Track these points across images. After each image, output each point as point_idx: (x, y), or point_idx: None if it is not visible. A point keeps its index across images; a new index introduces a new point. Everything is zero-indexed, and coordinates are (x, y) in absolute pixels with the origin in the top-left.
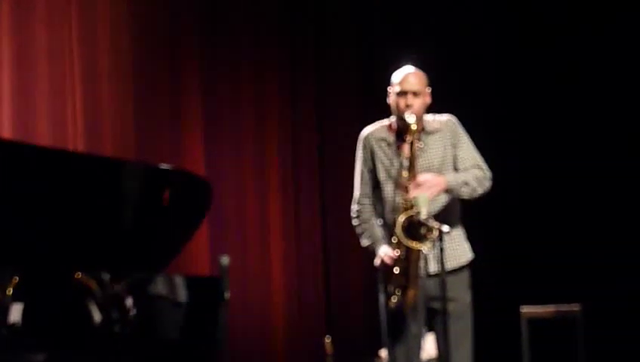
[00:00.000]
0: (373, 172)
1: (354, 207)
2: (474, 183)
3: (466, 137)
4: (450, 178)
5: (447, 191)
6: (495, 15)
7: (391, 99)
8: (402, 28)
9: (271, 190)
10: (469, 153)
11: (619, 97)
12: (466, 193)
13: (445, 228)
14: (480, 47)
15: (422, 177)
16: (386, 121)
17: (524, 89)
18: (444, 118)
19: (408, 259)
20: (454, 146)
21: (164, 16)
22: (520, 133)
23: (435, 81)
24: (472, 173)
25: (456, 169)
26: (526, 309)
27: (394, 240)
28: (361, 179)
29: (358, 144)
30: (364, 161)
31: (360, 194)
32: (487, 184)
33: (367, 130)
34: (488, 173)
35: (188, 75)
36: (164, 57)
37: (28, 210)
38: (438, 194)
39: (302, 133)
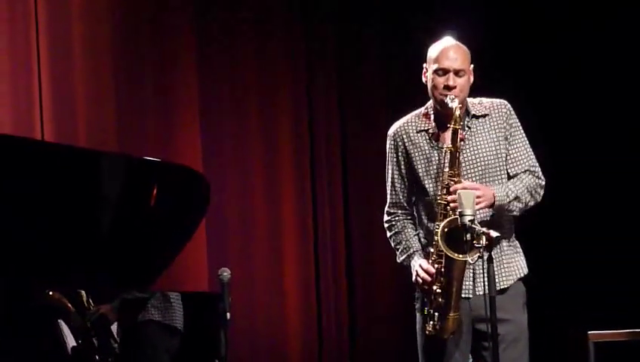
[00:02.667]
0: (408, 174)
1: (385, 218)
2: (526, 197)
3: (520, 131)
4: (500, 192)
5: (493, 206)
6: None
7: (427, 79)
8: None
9: (283, 191)
10: (522, 152)
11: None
12: (515, 209)
13: (494, 233)
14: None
15: (468, 185)
16: (421, 110)
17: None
18: (496, 101)
19: (450, 275)
20: (506, 140)
21: None
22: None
23: None
24: (525, 182)
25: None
26: (594, 333)
27: (433, 250)
28: (392, 185)
29: (387, 142)
30: (395, 163)
31: (390, 203)
32: (541, 192)
33: (396, 125)
34: (542, 180)
35: (179, 47)
36: (150, 24)
37: None
38: (482, 208)
39: (320, 125)
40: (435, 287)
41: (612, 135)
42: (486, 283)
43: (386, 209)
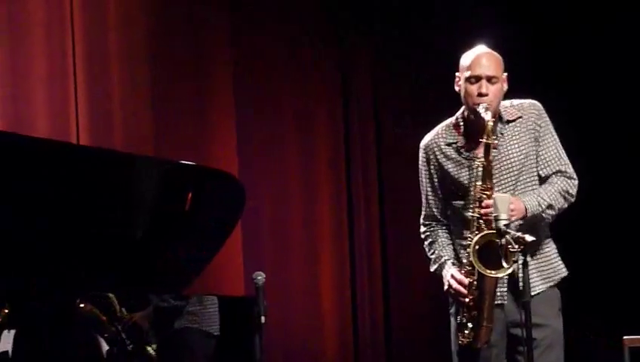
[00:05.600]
0: (440, 187)
1: (421, 229)
2: (559, 202)
3: (551, 130)
4: (531, 203)
5: (525, 218)
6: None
7: (460, 87)
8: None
9: (318, 195)
10: (553, 153)
11: None
12: (548, 217)
13: (529, 237)
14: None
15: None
16: (451, 120)
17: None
18: (526, 103)
19: (482, 289)
20: (537, 140)
21: None
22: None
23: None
24: (557, 187)
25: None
26: (629, 338)
27: (465, 261)
28: (426, 199)
29: (419, 154)
30: (428, 176)
31: (425, 216)
32: (574, 192)
33: (427, 138)
34: (575, 179)
35: (215, 51)
36: (186, 30)
37: (16, 218)
38: (514, 220)
39: (356, 128)
40: (467, 300)
41: None
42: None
43: (421, 221)
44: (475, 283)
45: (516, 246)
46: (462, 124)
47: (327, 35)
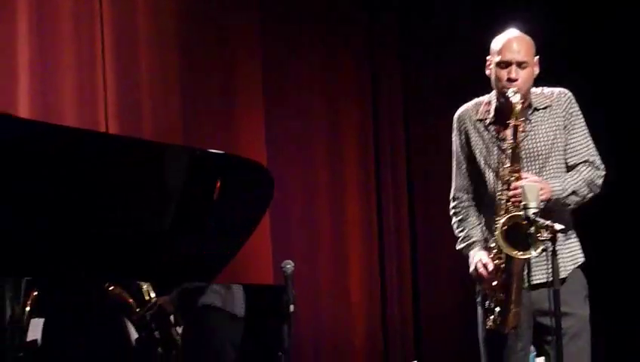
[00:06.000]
0: (471, 159)
1: (450, 204)
2: (584, 190)
3: (580, 120)
4: (557, 186)
5: (550, 201)
6: None
7: (491, 71)
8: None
9: (348, 185)
10: (582, 142)
11: None
12: (573, 203)
13: (558, 226)
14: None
15: (529, 179)
16: (485, 98)
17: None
18: (557, 91)
19: (510, 271)
20: (566, 129)
21: None
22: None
23: None
24: (583, 175)
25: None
26: None
27: (493, 245)
28: (457, 169)
29: (453, 125)
30: (460, 146)
31: (456, 188)
32: (600, 183)
33: (461, 110)
34: (602, 170)
35: (245, 43)
36: (216, 22)
37: (44, 205)
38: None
39: (385, 122)
40: (494, 283)
41: None
42: (548, 274)
43: (452, 194)
44: (503, 266)
45: (545, 235)
46: (494, 103)
47: (357, 31)
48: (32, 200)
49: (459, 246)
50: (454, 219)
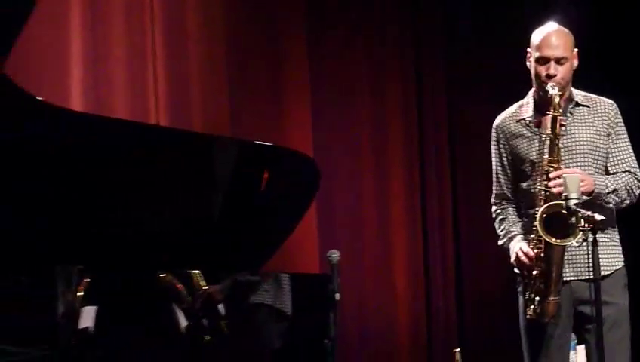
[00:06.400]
0: (509, 165)
1: (492, 208)
2: (623, 193)
3: (624, 132)
4: (600, 182)
5: (592, 195)
6: None
7: (531, 64)
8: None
9: (392, 178)
10: (625, 152)
11: None
12: (612, 202)
13: (599, 216)
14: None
15: (568, 171)
16: (522, 101)
17: None
18: (604, 99)
19: (549, 260)
20: (609, 137)
21: None
22: None
23: None
24: (624, 180)
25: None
26: None
27: (533, 235)
28: (496, 178)
29: (492, 132)
30: (498, 156)
31: (496, 195)
32: (638, 193)
33: (499, 119)
34: None
35: (291, 37)
36: (263, 14)
37: (98, 194)
38: (585, 191)
39: (429, 114)
40: (534, 272)
41: None
42: (587, 266)
43: (492, 200)
44: (542, 255)
45: (586, 225)
46: (531, 102)
47: (401, 20)
48: (94, 190)
49: (500, 242)
50: (496, 221)
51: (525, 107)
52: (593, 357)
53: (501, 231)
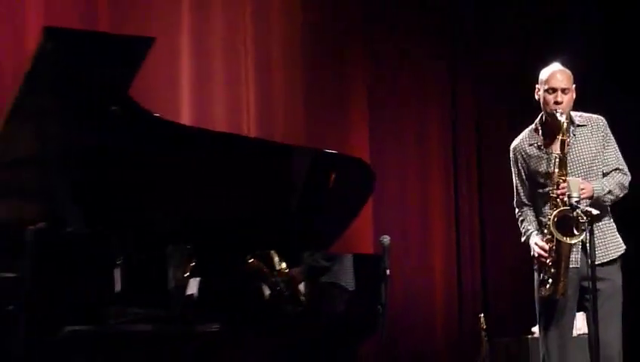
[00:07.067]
0: (527, 179)
1: (515, 212)
2: (617, 191)
3: (612, 138)
4: (598, 186)
5: (592, 198)
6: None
7: (540, 96)
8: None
9: (432, 178)
10: (613, 155)
11: None
12: (608, 200)
13: (595, 211)
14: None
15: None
16: (531, 126)
17: None
18: (594, 116)
19: (559, 252)
20: (603, 147)
21: (333, 7)
22: None
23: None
24: (616, 179)
25: None
26: None
27: (546, 231)
28: (516, 190)
29: (510, 156)
30: (517, 172)
31: (516, 202)
32: (627, 185)
33: (515, 142)
34: (629, 177)
35: (353, 65)
36: (331, 48)
37: (208, 189)
38: (584, 199)
39: (461, 124)
40: (548, 261)
41: None
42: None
43: (514, 205)
44: (554, 248)
45: (585, 218)
46: (540, 127)
47: (440, 54)
48: (205, 187)
49: (522, 239)
50: (518, 221)
51: (535, 133)
52: (591, 323)
53: (522, 229)
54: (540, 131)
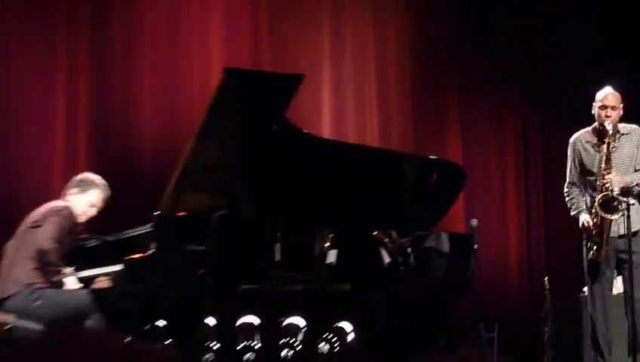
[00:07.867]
0: (579, 166)
1: (565, 190)
2: None
3: None
4: (628, 180)
5: (624, 187)
6: None
7: (595, 111)
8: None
9: (508, 173)
10: None
11: None
12: (636, 191)
13: (632, 200)
14: None
15: (615, 174)
16: (589, 128)
17: None
18: (634, 126)
19: (602, 226)
20: (637, 148)
21: (435, 40)
22: None
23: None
24: None
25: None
26: None
27: (593, 211)
28: (569, 173)
29: (569, 145)
30: (572, 159)
31: (568, 183)
32: None
33: (574, 136)
34: None
35: (449, 88)
36: (433, 75)
37: (342, 189)
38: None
39: (530, 130)
40: (594, 232)
41: None
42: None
43: (565, 186)
44: (598, 222)
45: (623, 205)
46: (595, 132)
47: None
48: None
49: (572, 213)
50: (567, 199)
51: (590, 133)
52: (626, 284)
53: (572, 205)
54: (595, 134)
